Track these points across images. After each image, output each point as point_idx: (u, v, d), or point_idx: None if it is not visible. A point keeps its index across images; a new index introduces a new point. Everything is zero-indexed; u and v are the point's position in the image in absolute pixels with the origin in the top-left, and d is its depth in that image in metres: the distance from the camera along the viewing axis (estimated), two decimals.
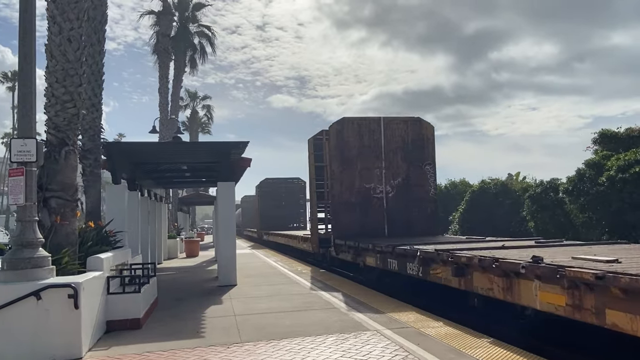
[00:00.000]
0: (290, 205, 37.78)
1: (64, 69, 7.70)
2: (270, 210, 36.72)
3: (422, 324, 7.32)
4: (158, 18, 31.31)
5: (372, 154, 15.40)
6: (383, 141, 15.49)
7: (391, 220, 15.23)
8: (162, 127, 27.51)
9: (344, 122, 15.46)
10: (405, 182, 15.58)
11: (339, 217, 15.23)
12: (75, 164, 7.86)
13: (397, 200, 15.41)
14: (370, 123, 15.57)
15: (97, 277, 7.00)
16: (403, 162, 15.60)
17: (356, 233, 14.47)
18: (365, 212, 15.08)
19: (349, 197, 15.10)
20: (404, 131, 15.75)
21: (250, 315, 8.55)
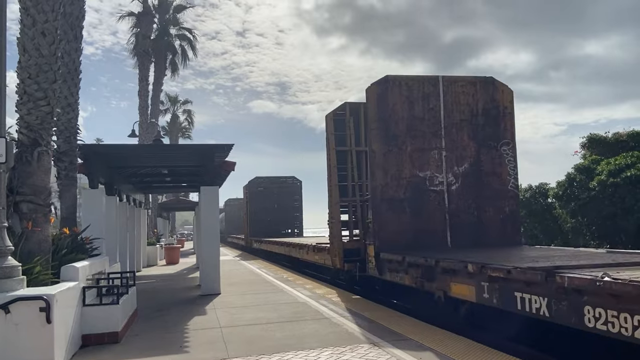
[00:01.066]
0: (284, 208, 32.81)
1: (37, 64, 7.18)
2: (261, 214, 31.96)
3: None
4: (138, 19, 30.68)
5: (427, 129, 11.05)
6: (442, 111, 11.18)
7: (455, 224, 10.89)
8: (141, 131, 26.83)
9: (387, 82, 10.98)
10: (474, 170, 11.16)
11: (382, 219, 10.65)
12: (49, 166, 7.32)
13: (463, 194, 11.04)
14: (424, 84, 11.17)
15: (71, 288, 6.47)
16: (471, 141, 11.19)
17: (407, 242, 10.44)
18: (418, 211, 10.79)
19: (395, 190, 10.74)
20: (471, 97, 11.32)
21: (237, 327, 8.08)
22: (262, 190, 32.62)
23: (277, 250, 22.97)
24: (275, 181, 33.48)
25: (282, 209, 32.61)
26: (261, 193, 32.50)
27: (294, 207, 33.22)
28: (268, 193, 32.52)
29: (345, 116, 13.25)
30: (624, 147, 15.54)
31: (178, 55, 33.57)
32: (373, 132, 10.92)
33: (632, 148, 15.27)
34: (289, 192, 33.24)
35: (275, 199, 32.55)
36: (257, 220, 31.71)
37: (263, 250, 26.87)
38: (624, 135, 16.17)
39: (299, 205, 33.24)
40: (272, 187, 32.91)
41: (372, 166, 10.92)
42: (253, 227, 31.78)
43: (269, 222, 31.56)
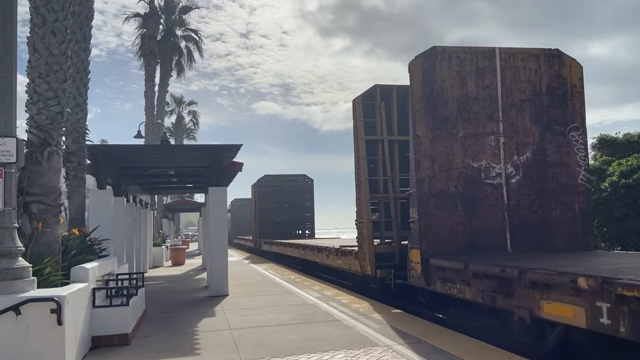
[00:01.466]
0: (294, 207, 30.84)
1: (47, 63, 7.12)
2: (271, 214, 30.21)
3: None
4: (144, 20, 30.71)
5: (482, 110, 9.51)
6: (500, 89, 9.62)
7: (516, 224, 9.31)
8: (147, 132, 26.85)
9: (435, 55, 9.46)
10: (538, 159, 9.54)
11: (431, 218, 9.09)
12: (59, 166, 7.26)
13: (526, 188, 9.48)
14: (478, 58, 9.62)
15: (82, 289, 6.41)
16: (534, 125, 9.61)
17: (459, 246, 9.01)
18: (472, 208, 9.24)
19: (445, 183, 9.23)
20: (534, 72, 9.74)
21: (248, 328, 8.00)
22: (271, 189, 30.66)
23: (290, 253, 21.37)
24: (286, 179, 31.52)
25: (292, 209, 30.77)
26: (270, 192, 30.54)
27: (305, 206, 31.26)
28: (278, 192, 30.58)
29: (375, 100, 11.91)
30: (634, 147, 15.40)
31: (184, 56, 33.62)
32: (418, 114, 9.32)
33: None
34: (299, 191, 31.20)
35: (286, 199, 30.69)
36: (266, 220, 30.12)
37: (274, 252, 25.48)
38: (635, 136, 16.02)
39: (311, 205, 31.40)
40: (282, 185, 30.88)
41: (417, 154, 9.25)
42: (262, 227, 30.17)
43: (278, 222, 30.04)
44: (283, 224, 30.10)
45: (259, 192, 30.92)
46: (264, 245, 28.20)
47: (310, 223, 31.27)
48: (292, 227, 30.33)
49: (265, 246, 28.05)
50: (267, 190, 30.73)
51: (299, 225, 30.91)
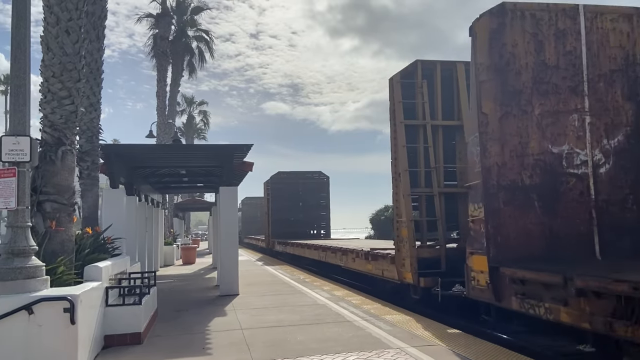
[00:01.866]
0: (309, 206, 29.34)
1: (61, 62, 7.15)
2: (284, 213, 28.66)
3: None
4: (156, 21, 30.86)
5: (563, 82, 7.81)
6: (585, 56, 7.87)
7: (606, 224, 7.55)
8: (159, 132, 26.97)
9: (505, 12, 7.75)
10: (632, 144, 7.81)
11: (500, 216, 7.43)
12: (73, 165, 7.29)
13: (617, 179, 7.75)
14: (559, 17, 7.88)
15: (95, 288, 6.41)
16: (627, 102, 7.90)
17: (535, 250, 7.33)
18: (551, 205, 7.53)
19: (518, 173, 7.57)
20: (626, 36, 7.99)
21: (259, 328, 7.97)
22: (285, 186, 29.02)
23: (307, 255, 20.00)
24: (300, 177, 29.83)
25: (307, 208, 29.26)
26: (284, 190, 28.94)
27: (321, 205, 29.76)
28: (292, 190, 29.04)
29: (416, 79, 10.53)
30: None
31: (195, 57, 33.72)
32: (484, 87, 7.66)
33: None
34: (314, 188, 29.62)
35: (300, 197, 29.13)
36: (279, 219, 28.59)
37: (288, 254, 24.25)
38: None
39: (326, 203, 29.94)
40: (296, 183, 29.35)
41: (483, 137, 7.55)
42: (275, 227, 28.69)
43: (292, 221, 28.52)
44: (297, 224, 28.61)
45: (272, 189, 29.32)
46: (278, 246, 27.02)
47: (325, 223, 29.82)
48: (306, 227, 28.86)
49: (279, 246, 26.81)
50: (280, 187, 29.14)
51: (313, 224, 29.50)
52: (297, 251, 22.30)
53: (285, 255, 25.30)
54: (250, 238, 42.99)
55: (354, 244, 17.56)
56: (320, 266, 18.27)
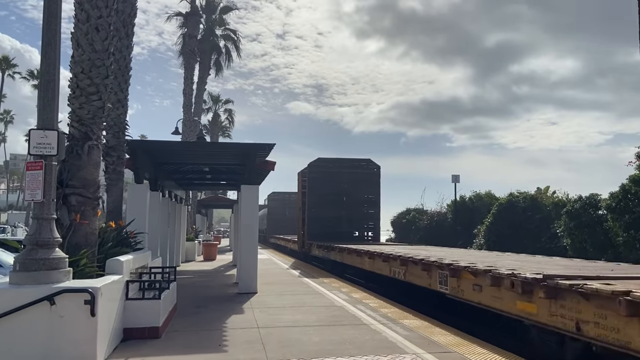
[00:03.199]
0: (354, 202, 23.54)
1: (90, 59, 7.30)
2: (324, 209, 22.85)
3: None
4: (185, 20, 31.27)
5: None
6: None
7: None
8: (184, 129, 27.30)
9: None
10: None
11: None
12: (99, 160, 7.43)
13: None
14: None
15: (116, 282, 6.53)
16: None
17: None
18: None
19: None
20: None
21: (275, 328, 8.00)
22: (326, 177, 23.12)
23: (368, 267, 14.19)
24: (344, 164, 23.70)
25: (352, 204, 23.51)
26: (325, 181, 23.01)
27: (369, 201, 23.72)
28: (334, 181, 23.06)
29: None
30: None
31: (222, 55, 34.08)
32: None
33: None
34: (362, 180, 23.55)
35: (344, 190, 23.39)
36: (316, 217, 22.76)
37: (335, 261, 18.46)
38: None
39: (376, 199, 23.74)
40: (339, 173, 23.26)
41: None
42: (312, 226, 22.86)
43: (333, 220, 22.90)
44: (338, 223, 23.09)
45: (309, 179, 23.17)
46: (317, 250, 21.48)
47: (374, 223, 23.92)
48: (350, 227, 23.45)
49: (318, 250, 21.30)
50: (319, 178, 23.05)
51: (359, 225, 23.80)
52: (351, 260, 16.20)
53: (326, 263, 20.15)
54: (277, 238, 38.06)
55: (432, 254, 11.82)
56: (395, 287, 12.47)
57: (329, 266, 19.42)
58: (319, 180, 23.07)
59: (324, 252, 20.15)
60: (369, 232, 23.81)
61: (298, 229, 25.07)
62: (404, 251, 13.01)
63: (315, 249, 21.72)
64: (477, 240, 23.64)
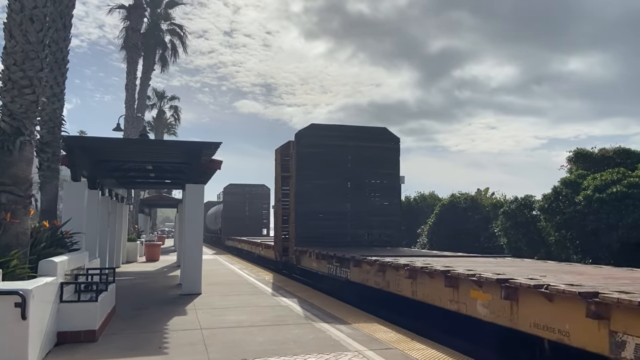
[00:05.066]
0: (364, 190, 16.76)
1: (23, 50, 6.94)
2: (318, 202, 16.10)
3: None
4: (129, 13, 30.29)
5: None
6: None
7: None
8: (127, 125, 26.46)
9: None
10: None
11: None
12: (31, 156, 7.08)
13: None
14: None
15: (49, 284, 6.26)
16: None
17: None
18: None
19: None
20: None
21: (219, 329, 7.91)
22: (322, 151, 16.24)
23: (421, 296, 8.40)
24: (350, 135, 16.64)
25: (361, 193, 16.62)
26: (322, 159, 16.19)
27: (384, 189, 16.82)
28: (335, 159, 16.33)
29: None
30: (609, 163, 15.70)
31: (168, 51, 33.29)
32: None
33: (618, 164, 15.41)
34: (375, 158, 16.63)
35: (350, 173, 16.50)
36: (310, 212, 15.91)
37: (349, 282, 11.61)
38: (610, 152, 16.34)
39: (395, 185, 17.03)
40: (343, 147, 16.42)
41: None
42: (303, 225, 15.95)
43: (335, 217, 16.19)
44: (341, 220, 16.25)
45: (298, 156, 16.06)
46: (314, 262, 14.18)
47: (392, 220, 16.77)
48: (357, 226, 16.38)
49: (316, 263, 14.02)
50: (314, 154, 16.15)
51: (370, 222, 16.51)
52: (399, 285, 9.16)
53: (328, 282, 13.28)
54: (237, 241, 30.00)
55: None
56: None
57: (336, 288, 12.61)
58: (314, 157, 16.03)
59: (329, 265, 12.88)
60: (385, 232, 16.56)
61: (276, 229, 18.71)
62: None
63: (311, 260, 14.38)
64: (420, 240, 24.24)
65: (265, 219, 39.44)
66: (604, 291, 4.89)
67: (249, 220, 37.82)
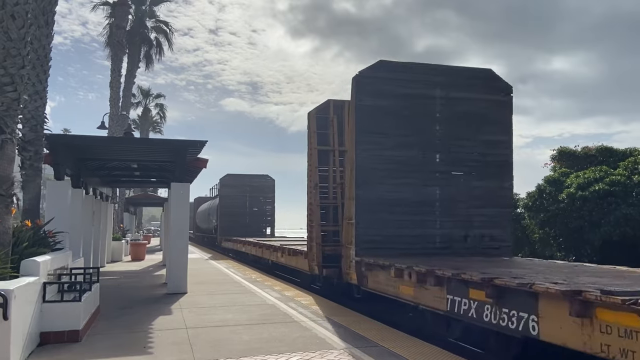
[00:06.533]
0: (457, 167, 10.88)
1: (4, 47, 6.85)
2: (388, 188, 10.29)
3: None
4: (113, 10, 29.99)
5: None
6: None
7: None
8: (111, 123, 26.19)
9: None
10: None
11: None
12: (13, 155, 6.99)
13: None
14: None
15: (31, 283, 6.18)
16: None
17: None
18: None
19: None
20: None
21: (204, 328, 7.88)
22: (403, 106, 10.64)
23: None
24: (446, 80, 10.90)
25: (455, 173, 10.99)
26: (398, 117, 10.59)
27: (493, 165, 11.03)
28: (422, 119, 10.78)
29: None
30: (592, 161, 15.93)
31: (153, 48, 33.03)
32: None
33: (601, 162, 15.64)
34: (480, 113, 10.96)
35: (441, 139, 10.90)
36: (379, 202, 10.24)
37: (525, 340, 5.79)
38: (593, 150, 16.57)
39: (507, 167, 11.19)
40: (432, 98, 10.81)
41: None
42: (368, 221, 10.13)
43: (416, 212, 10.52)
44: (423, 217, 10.59)
45: (360, 111, 10.37)
46: (397, 284, 8.28)
47: (504, 224, 11.13)
48: (450, 225, 10.70)
49: (411, 288, 7.90)
50: (386, 107, 10.53)
51: (470, 222, 10.80)
52: None
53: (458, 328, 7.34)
54: (239, 243, 24.88)
55: None
56: None
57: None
58: (383, 114, 10.44)
59: (452, 298, 6.90)
60: (491, 233, 10.89)
61: (311, 229, 12.58)
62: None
63: (399, 282, 8.27)
64: None
65: (269, 215, 32.67)
66: None
67: (252, 218, 31.52)
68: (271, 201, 32.65)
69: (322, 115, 12.99)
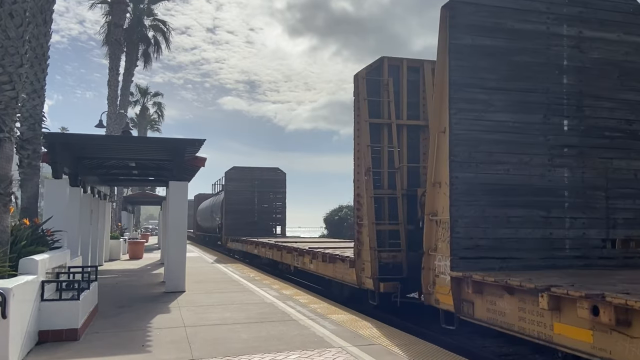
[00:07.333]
0: (593, 138, 7.74)
1: (3, 46, 6.84)
2: (496, 168, 7.31)
3: None
4: (111, 8, 29.94)
5: None
6: None
7: None
8: (109, 122, 26.16)
9: None
10: None
11: None
12: (11, 153, 6.99)
13: None
14: None
15: (30, 282, 6.19)
16: None
17: None
18: None
19: None
20: None
21: (202, 326, 7.89)
22: (515, 48, 7.62)
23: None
24: (572, 12, 7.93)
25: (590, 147, 7.78)
26: (508, 64, 7.58)
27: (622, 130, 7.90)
28: (541, 66, 7.73)
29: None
30: None
31: (151, 47, 33.02)
32: None
33: None
34: (622, 63, 7.96)
35: (568, 96, 7.73)
36: (485, 189, 7.25)
37: None
38: None
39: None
40: (556, 37, 7.83)
41: None
42: (470, 218, 7.13)
43: (533, 203, 7.44)
44: (544, 212, 7.44)
45: (454, 52, 7.32)
46: (520, 315, 5.80)
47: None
48: (585, 224, 7.59)
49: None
50: (491, 49, 7.53)
51: (613, 218, 7.70)
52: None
53: None
54: (248, 243, 22.77)
55: None
56: None
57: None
58: (485, 59, 7.56)
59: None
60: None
61: (359, 228, 10.27)
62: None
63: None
64: None
65: (279, 213, 29.40)
66: None
67: (261, 215, 28.49)
68: (282, 197, 29.42)
69: (374, 78, 10.27)
